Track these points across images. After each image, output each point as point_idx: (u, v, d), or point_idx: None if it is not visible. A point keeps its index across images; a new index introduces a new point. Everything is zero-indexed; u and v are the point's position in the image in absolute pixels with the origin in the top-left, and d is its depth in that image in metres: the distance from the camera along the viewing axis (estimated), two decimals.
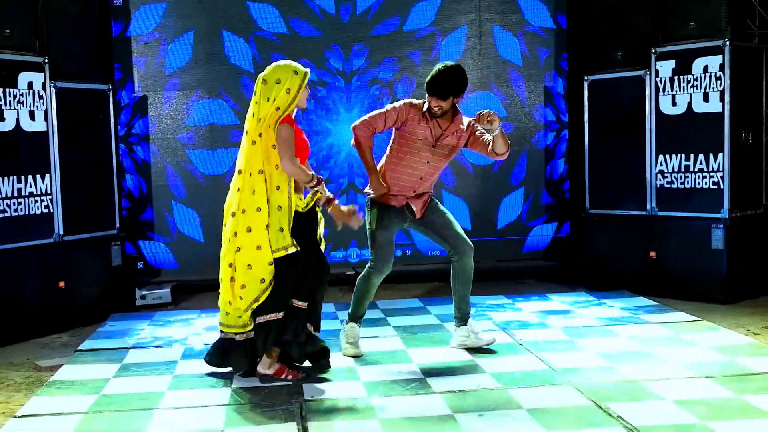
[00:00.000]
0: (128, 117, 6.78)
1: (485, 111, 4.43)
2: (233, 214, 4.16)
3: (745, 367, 4.28)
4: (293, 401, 3.94)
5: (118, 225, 6.21)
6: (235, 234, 4.15)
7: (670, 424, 3.49)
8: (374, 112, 4.61)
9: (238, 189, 4.15)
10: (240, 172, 4.15)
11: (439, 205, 4.82)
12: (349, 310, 4.83)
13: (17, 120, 5.40)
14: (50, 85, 5.61)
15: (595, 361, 4.50)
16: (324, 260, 4.36)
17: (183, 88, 6.81)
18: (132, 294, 6.34)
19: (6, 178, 5.32)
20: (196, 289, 6.79)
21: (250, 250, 4.13)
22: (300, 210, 4.22)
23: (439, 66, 4.50)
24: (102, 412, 3.87)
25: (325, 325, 5.50)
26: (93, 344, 5.14)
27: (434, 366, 4.48)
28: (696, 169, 6.04)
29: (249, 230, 4.12)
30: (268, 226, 4.11)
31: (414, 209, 4.69)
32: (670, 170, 6.17)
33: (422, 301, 6.28)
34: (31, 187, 5.49)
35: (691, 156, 6.06)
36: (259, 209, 4.10)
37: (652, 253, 6.26)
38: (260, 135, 4.11)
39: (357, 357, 4.66)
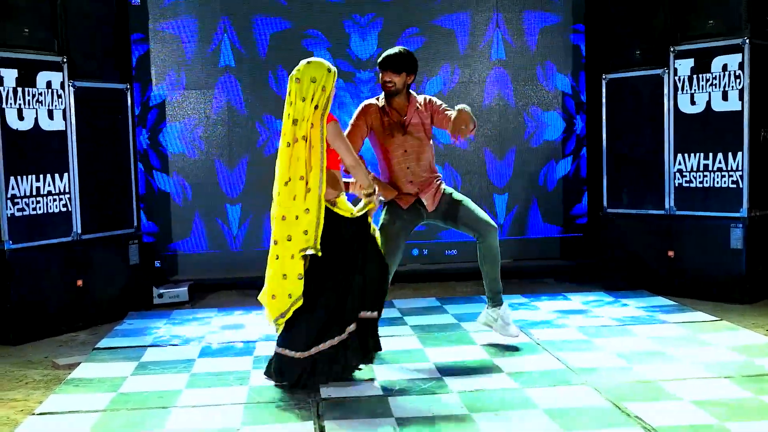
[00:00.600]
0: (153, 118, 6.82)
1: (462, 126, 4.34)
2: (283, 218, 4.05)
3: (763, 368, 4.24)
4: (310, 400, 3.94)
5: (135, 224, 6.24)
6: (275, 242, 4.06)
7: (688, 425, 3.47)
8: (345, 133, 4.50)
9: (279, 194, 4.06)
10: (279, 177, 4.05)
11: (455, 194, 4.77)
12: None
13: (36, 119, 5.44)
14: (69, 85, 5.65)
15: (612, 360, 4.47)
16: (384, 265, 4.28)
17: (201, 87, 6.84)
18: (149, 292, 6.37)
19: (25, 177, 5.36)
20: (214, 287, 6.83)
21: (286, 260, 4.04)
22: (351, 215, 4.16)
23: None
24: (119, 410, 3.88)
25: None
26: (111, 342, 5.17)
27: (451, 365, 4.47)
28: (715, 168, 6.00)
29: (289, 239, 4.03)
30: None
31: (425, 203, 4.69)
32: (689, 169, 6.13)
33: (439, 300, 6.27)
34: (49, 185, 5.53)
35: (710, 155, 6.01)
36: (297, 217, 4.01)
37: (671, 253, 6.22)
38: (300, 138, 3.98)
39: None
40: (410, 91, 4.71)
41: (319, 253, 4.03)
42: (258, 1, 6.90)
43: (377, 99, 4.73)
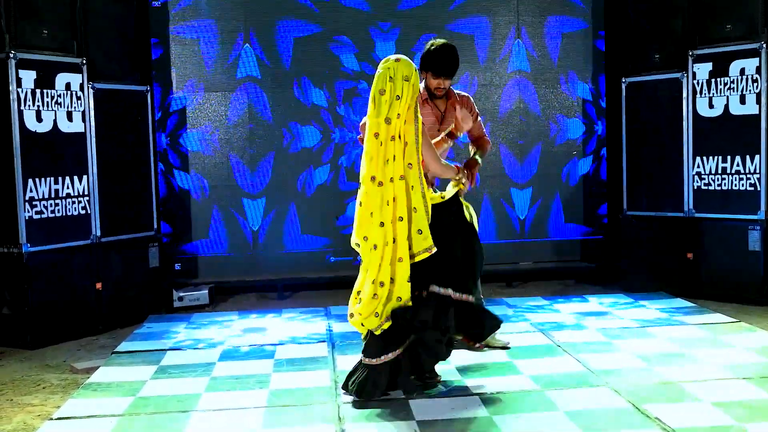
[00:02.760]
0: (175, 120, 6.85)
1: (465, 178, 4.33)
2: (381, 224, 3.87)
3: None
4: (331, 403, 3.95)
5: (155, 226, 6.25)
6: (375, 247, 3.89)
7: (708, 426, 3.48)
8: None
9: (366, 194, 3.91)
10: (374, 179, 3.88)
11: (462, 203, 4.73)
12: None
13: (54, 121, 5.46)
14: (88, 86, 5.66)
15: (632, 362, 4.47)
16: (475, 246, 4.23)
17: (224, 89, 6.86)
18: (169, 295, 6.38)
19: (43, 179, 5.37)
20: (234, 290, 6.84)
21: (390, 265, 3.90)
22: (440, 201, 4.11)
23: (436, 43, 4.32)
24: (139, 415, 3.88)
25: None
26: (130, 346, 5.18)
27: (472, 367, 4.47)
28: (733, 171, 6.00)
29: (394, 241, 3.89)
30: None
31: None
32: (707, 172, 6.13)
33: None
34: (68, 188, 5.54)
35: (728, 158, 6.02)
36: (401, 219, 3.91)
37: (690, 255, 6.22)
38: (396, 137, 3.88)
39: None
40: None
41: (434, 249, 3.93)
42: (282, 5, 6.90)
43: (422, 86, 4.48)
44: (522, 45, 7.10)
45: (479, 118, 4.70)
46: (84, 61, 5.63)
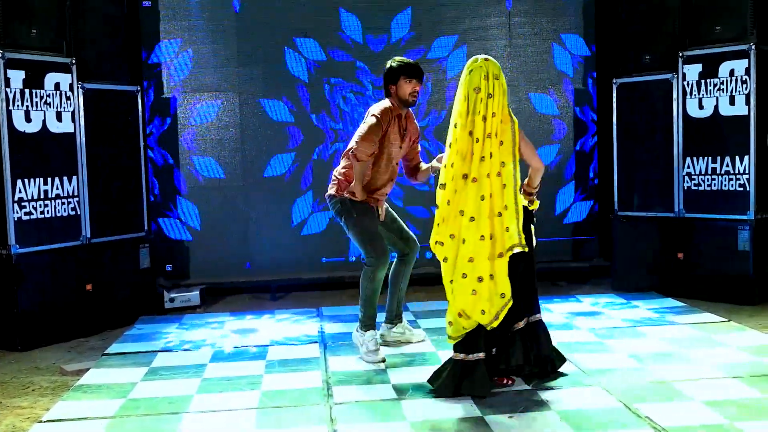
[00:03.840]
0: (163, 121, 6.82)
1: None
2: (472, 219, 3.92)
3: None
4: (323, 404, 3.94)
5: (146, 227, 6.23)
6: (463, 241, 3.94)
7: (699, 425, 3.50)
8: (371, 126, 4.52)
9: (455, 191, 3.95)
10: (466, 176, 3.93)
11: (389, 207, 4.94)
12: (361, 315, 4.74)
13: (44, 121, 5.42)
14: (78, 86, 5.63)
15: (624, 362, 4.49)
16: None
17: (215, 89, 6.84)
18: (160, 297, 6.35)
19: (32, 180, 5.34)
20: (226, 291, 6.81)
21: (484, 262, 3.93)
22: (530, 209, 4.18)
23: (396, 58, 4.68)
24: (129, 417, 3.86)
25: (342, 327, 5.53)
26: (120, 348, 5.16)
27: None
28: (722, 172, 6.03)
29: (482, 238, 3.92)
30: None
31: (379, 212, 4.77)
32: (697, 172, 6.16)
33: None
34: (57, 188, 5.51)
35: (718, 158, 6.05)
36: (499, 214, 3.95)
37: (680, 255, 6.25)
38: (492, 134, 3.92)
39: (382, 361, 4.60)
40: None
41: (526, 249, 3.98)
42: (275, 3, 6.88)
43: (390, 104, 4.67)
44: (514, 46, 7.10)
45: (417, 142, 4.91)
46: (73, 61, 5.60)
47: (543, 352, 4.21)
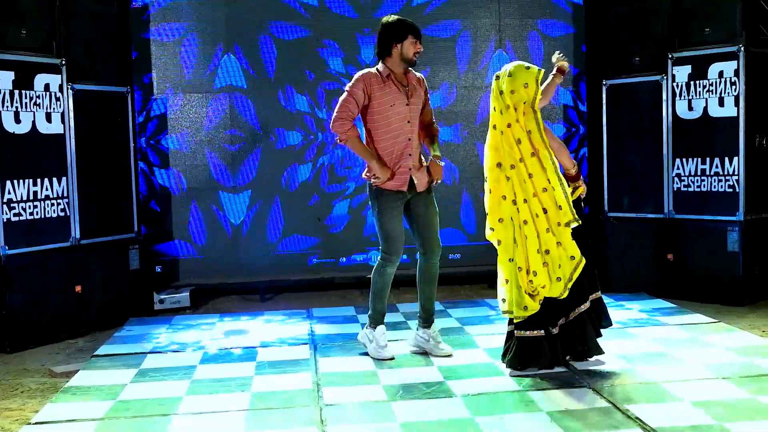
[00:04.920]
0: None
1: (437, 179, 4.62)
2: (525, 201, 4.29)
3: (761, 369, 4.28)
4: (313, 405, 3.93)
5: (136, 228, 6.21)
6: (537, 215, 4.29)
7: (688, 426, 3.50)
8: (340, 102, 4.50)
9: (524, 179, 4.29)
10: (500, 165, 4.32)
11: (434, 200, 4.72)
12: (370, 312, 4.74)
13: (33, 122, 5.40)
14: (67, 87, 5.61)
15: (614, 363, 4.49)
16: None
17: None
18: (150, 298, 6.34)
19: (22, 181, 5.32)
20: (216, 292, 6.80)
21: (546, 233, 4.30)
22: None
23: (393, 16, 4.58)
24: (118, 419, 3.84)
25: (346, 328, 5.54)
26: (110, 349, 5.13)
27: (455, 369, 4.47)
28: (712, 173, 6.05)
29: (544, 211, 4.30)
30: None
31: (416, 181, 4.57)
32: (687, 174, 6.19)
33: (443, 304, 6.24)
34: (47, 190, 5.49)
35: (707, 160, 6.07)
36: (544, 189, 4.30)
37: (670, 256, 6.28)
38: (511, 124, 4.30)
39: (391, 359, 4.61)
40: None
41: (580, 222, 4.34)
42: (265, 6, 6.87)
43: (375, 69, 4.58)
44: (504, 49, 7.12)
45: (428, 101, 4.76)
46: (63, 62, 5.58)
47: (599, 328, 4.53)
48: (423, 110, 4.69)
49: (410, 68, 4.63)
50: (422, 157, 4.70)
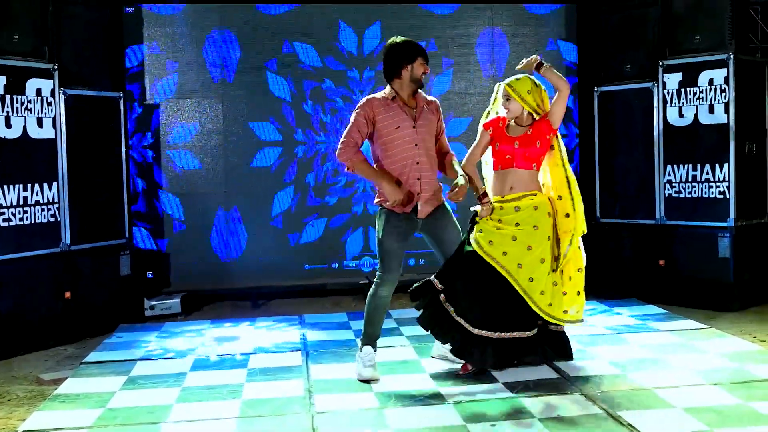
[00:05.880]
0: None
1: (459, 198, 4.31)
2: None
3: (752, 374, 4.30)
4: (304, 413, 3.92)
5: (127, 234, 6.18)
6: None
7: None
8: (346, 130, 4.43)
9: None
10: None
11: (452, 216, 4.57)
12: (362, 332, 4.56)
13: (24, 127, 5.37)
14: (59, 92, 5.59)
15: (606, 369, 4.50)
16: None
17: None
18: (141, 304, 6.30)
19: (12, 186, 5.29)
20: (207, 299, 6.76)
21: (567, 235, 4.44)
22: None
23: (398, 38, 4.47)
24: (107, 427, 3.82)
25: (338, 335, 5.52)
26: (99, 356, 5.10)
27: (446, 375, 4.46)
28: (703, 179, 6.08)
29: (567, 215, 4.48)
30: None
31: (419, 208, 4.42)
32: (678, 180, 6.21)
33: None
34: (37, 195, 5.46)
35: (698, 166, 6.10)
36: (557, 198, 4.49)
37: (662, 262, 6.30)
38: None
39: (374, 381, 4.40)
40: None
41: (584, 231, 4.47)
42: (257, 15, 6.88)
43: (380, 94, 4.50)
44: (497, 54, 7.13)
45: (443, 129, 4.66)
46: (55, 67, 5.56)
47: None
48: (438, 139, 4.56)
49: (419, 90, 4.52)
50: (436, 189, 4.52)
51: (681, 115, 6.18)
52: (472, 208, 4.53)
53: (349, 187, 7.03)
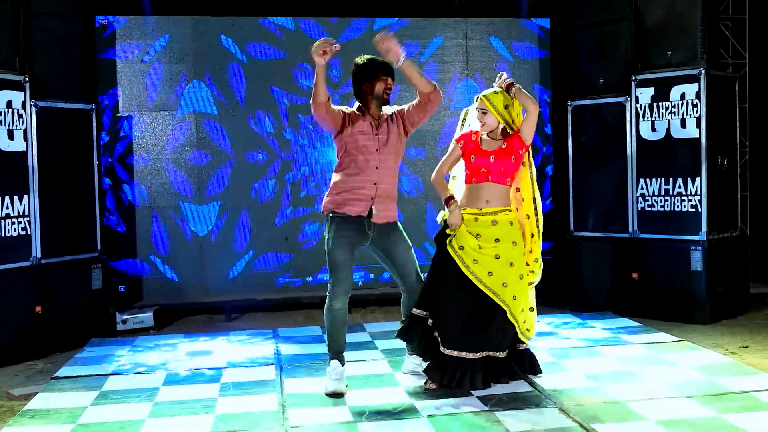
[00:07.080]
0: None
1: (382, 41, 4.24)
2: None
3: (725, 387, 4.32)
4: (278, 427, 3.88)
5: (99, 247, 6.11)
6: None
7: None
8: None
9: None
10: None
11: (404, 235, 4.55)
12: (327, 347, 4.52)
13: None
14: (31, 104, 5.54)
15: (580, 381, 4.51)
16: None
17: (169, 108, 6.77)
18: (113, 318, 6.23)
19: None
20: (180, 313, 6.71)
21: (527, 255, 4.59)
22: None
23: (364, 57, 4.47)
24: None
25: (312, 348, 5.49)
26: (70, 371, 5.03)
27: (421, 390, 4.44)
28: (675, 193, 6.14)
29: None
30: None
31: (374, 212, 4.37)
32: (651, 194, 6.27)
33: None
34: (8, 208, 5.39)
35: (671, 180, 6.16)
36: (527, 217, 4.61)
37: (635, 275, 6.34)
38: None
39: (339, 395, 4.34)
40: None
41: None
42: (229, 24, 6.87)
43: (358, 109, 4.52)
44: (470, 68, 7.17)
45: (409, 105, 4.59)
46: (27, 79, 5.50)
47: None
48: (409, 110, 4.53)
49: (385, 104, 4.52)
50: (392, 201, 4.53)
51: (653, 129, 6.25)
52: (438, 218, 4.56)
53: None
